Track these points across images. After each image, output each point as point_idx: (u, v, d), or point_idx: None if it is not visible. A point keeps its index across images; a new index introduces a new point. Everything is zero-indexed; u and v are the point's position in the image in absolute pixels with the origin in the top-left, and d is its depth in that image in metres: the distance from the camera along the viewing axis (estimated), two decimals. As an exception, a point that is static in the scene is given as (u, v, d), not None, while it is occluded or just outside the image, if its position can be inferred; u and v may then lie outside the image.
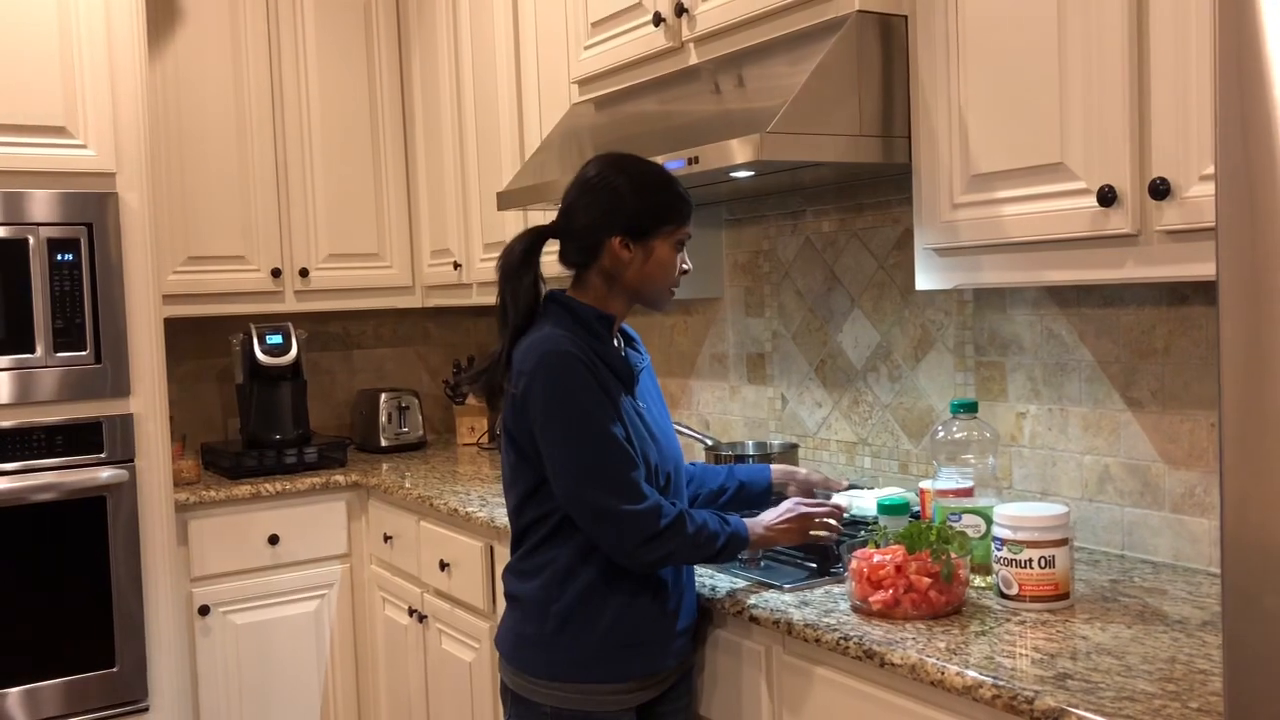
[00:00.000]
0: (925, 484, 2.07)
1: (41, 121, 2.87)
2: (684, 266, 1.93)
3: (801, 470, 2.28)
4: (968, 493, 1.95)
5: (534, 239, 1.90)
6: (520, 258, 1.89)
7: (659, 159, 2.14)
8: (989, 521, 1.86)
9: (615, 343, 1.93)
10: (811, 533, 1.94)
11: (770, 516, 1.94)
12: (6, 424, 2.85)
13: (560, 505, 1.82)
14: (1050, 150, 1.76)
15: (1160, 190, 1.59)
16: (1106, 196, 1.66)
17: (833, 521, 1.96)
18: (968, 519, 1.90)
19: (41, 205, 2.87)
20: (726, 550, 1.86)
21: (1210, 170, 1.52)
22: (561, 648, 1.84)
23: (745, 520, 1.91)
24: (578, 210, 1.88)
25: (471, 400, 4.01)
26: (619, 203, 1.85)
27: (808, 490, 2.21)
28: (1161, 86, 1.60)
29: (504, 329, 1.89)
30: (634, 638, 1.85)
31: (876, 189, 2.55)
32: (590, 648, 1.83)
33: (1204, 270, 1.57)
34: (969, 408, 2.00)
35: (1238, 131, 1.06)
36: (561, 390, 1.78)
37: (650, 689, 1.90)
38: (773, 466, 2.25)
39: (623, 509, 1.76)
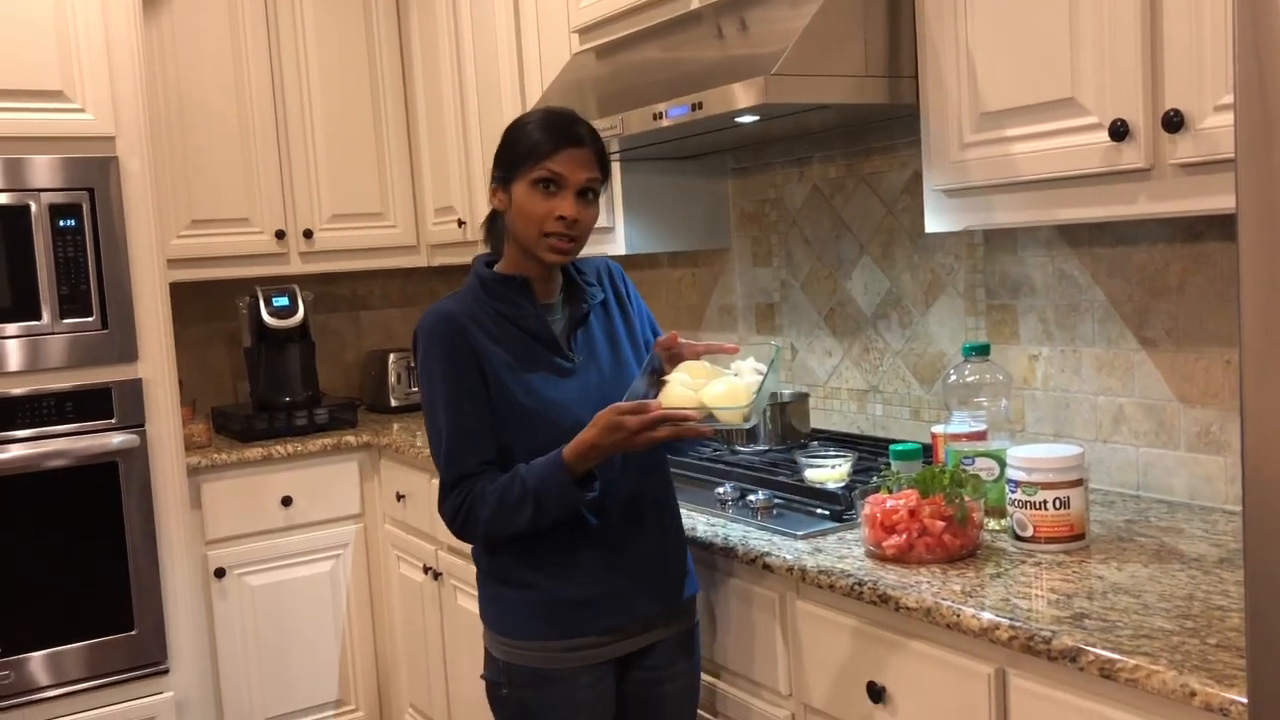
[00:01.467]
0: (938, 428, 2.06)
1: (38, 86, 2.84)
2: (559, 211, 1.73)
3: (687, 347, 1.81)
4: (981, 436, 1.93)
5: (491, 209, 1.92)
6: (483, 230, 1.96)
7: (662, 106, 2.11)
8: (1002, 465, 1.85)
9: (553, 297, 1.85)
10: (645, 435, 1.64)
11: (591, 428, 1.67)
12: (17, 391, 2.85)
13: None
14: (1060, 85, 1.72)
15: (1174, 123, 1.56)
16: (1119, 131, 1.62)
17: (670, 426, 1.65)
18: (981, 462, 1.89)
19: (42, 171, 2.85)
20: (546, 496, 1.69)
21: (1225, 100, 1.49)
22: (507, 604, 1.84)
23: (564, 449, 1.69)
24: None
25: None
26: (499, 148, 1.82)
27: (677, 356, 1.80)
28: (1175, 14, 1.57)
29: None
30: (569, 596, 1.80)
31: (884, 132, 2.51)
32: (521, 608, 1.82)
33: (1219, 204, 1.55)
34: (981, 351, 1.98)
35: (1255, 57, 1.03)
36: (423, 362, 1.81)
37: (609, 646, 1.83)
38: (660, 339, 1.84)
39: (439, 501, 1.81)
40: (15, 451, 2.84)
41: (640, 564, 1.84)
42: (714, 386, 1.69)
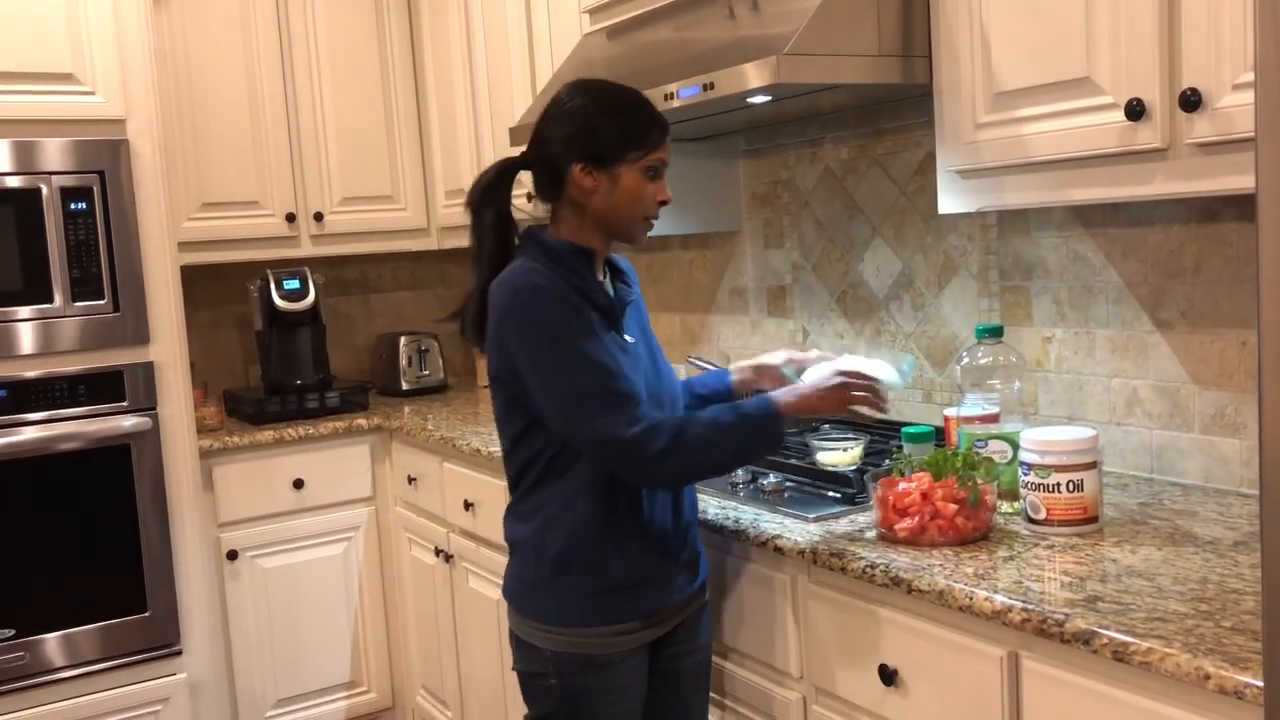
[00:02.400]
0: (950, 411, 2.05)
1: (49, 69, 2.84)
2: (660, 196, 1.79)
3: (763, 358, 2.06)
4: (994, 419, 1.92)
5: (501, 171, 1.84)
6: (482, 192, 1.84)
7: (673, 86, 2.10)
8: (1015, 447, 1.84)
9: (600, 276, 1.85)
10: (853, 406, 1.79)
11: (809, 384, 1.80)
12: (30, 374, 2.85)
13: (548, 446, 1.77)
14: (1076, 64, 1.70)
15: (1191, 102, 1.54)
16: (1135, 110, 1.61)
17: (871, 397, 1.80)
18: (994, 445, 1.88)
19: (53, 154, 2.85)
20: (758, 433, 1.73)
21: (1244, 79, 1.47)
22: (558, 592, 1.80)
23: (774, 394, 1.79)
24: (544, 138, 1.80)
25: (491, 341, 3.99)
26: (581, 127, 1.75)
27: (776, 377, 2.01)
28: (1192, -8, 1.55)
29: (476, 266, 1.83)
30: (631, 579, 1.80)
31: (897, 112, 2.49)
32: (586, 591, 1.79)
33: (1237, 183, 1.53)
34: (994, 332, 1.97)
35: (1276, 34, 1.01)
36: (541, 325, 1.70)
37: (653, 629, 1.85)
38: (732, 366, 2.09)
39: (621, 434, 1.67)
40: (28, 434, 2.85)
41: (683, 545, 1.87)
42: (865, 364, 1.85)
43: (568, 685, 1.82)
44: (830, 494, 2.03)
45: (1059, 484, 1.71)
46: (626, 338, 1.83)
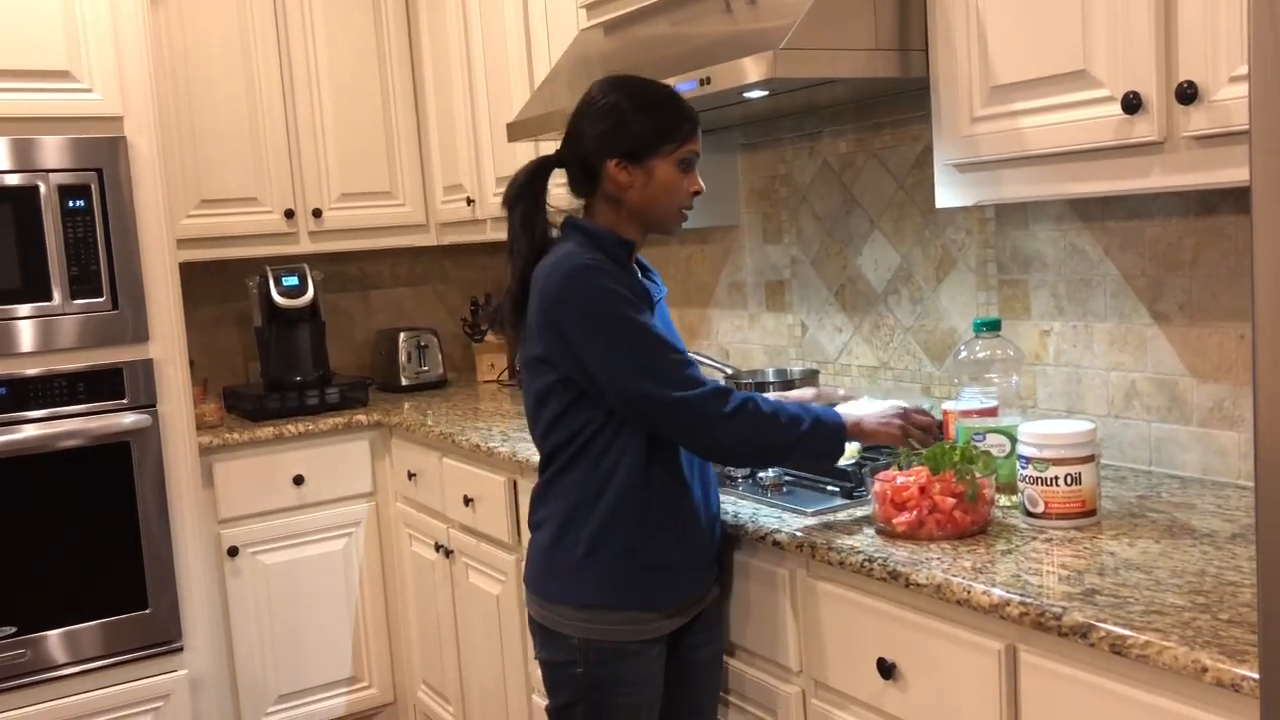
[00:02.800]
0: (949, 404, 2.05)
1: (45, 66, 2.83)
2: (694, 187, 1.86)
3: (792, 393, 2.18)
4: (992, 412, 1.92)
5: (538, 168, 1.88)
6: (519, 188, 1.88)
7: (671, 81, 2.09)
8: (1013, 440, 1.84)
9: (635, 271, 1.90)
10: (910, 439, 1.86)
11: (873, 412, 1.88)
12: (31, 372, 2.86)
13: (589, 424, 1.79)
14: (1072, 58, 1.70)
15: (1187, 94, 1.54)
16: (1131, 103, 1.60)
17: (924, 436, 1.87)
18: (992, 438, 1.88)
19: (51, 151, 2.85)
20: (818, 433, 1.77)
21: (1240, 71, 1.47)
22: (589, 573, 1.82)
23: (838, 409, 1.86)
24: (578, 135, 1.85)
25: (491, 337, 4.00)
26: (614, 124, 1.80)
27: None
28: (1188, -15, 1.54)
29: (513, 260, 1.87)
30: (663, 562, 1.83)
31: (894, 106, 2.49)
32: (619, 572, 1.82)
33: (1233, 176, 1.53)
34: (992, 326, 1.97)
35: (1271, 25, 1.01)
36: (597, 300, 1.74)
37: (679, 616, 1.89)
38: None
39: (690, 394, 1.72)
40: (29, 432, 2.85)
41: (711, 531, 1.91)
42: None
43: (593, 674, 1.84)
44: (829, 488, 2.03)
45: (1057, 477, 1.71)
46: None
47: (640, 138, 1.79)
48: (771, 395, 1.93)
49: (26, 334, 2.84)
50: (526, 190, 1.87)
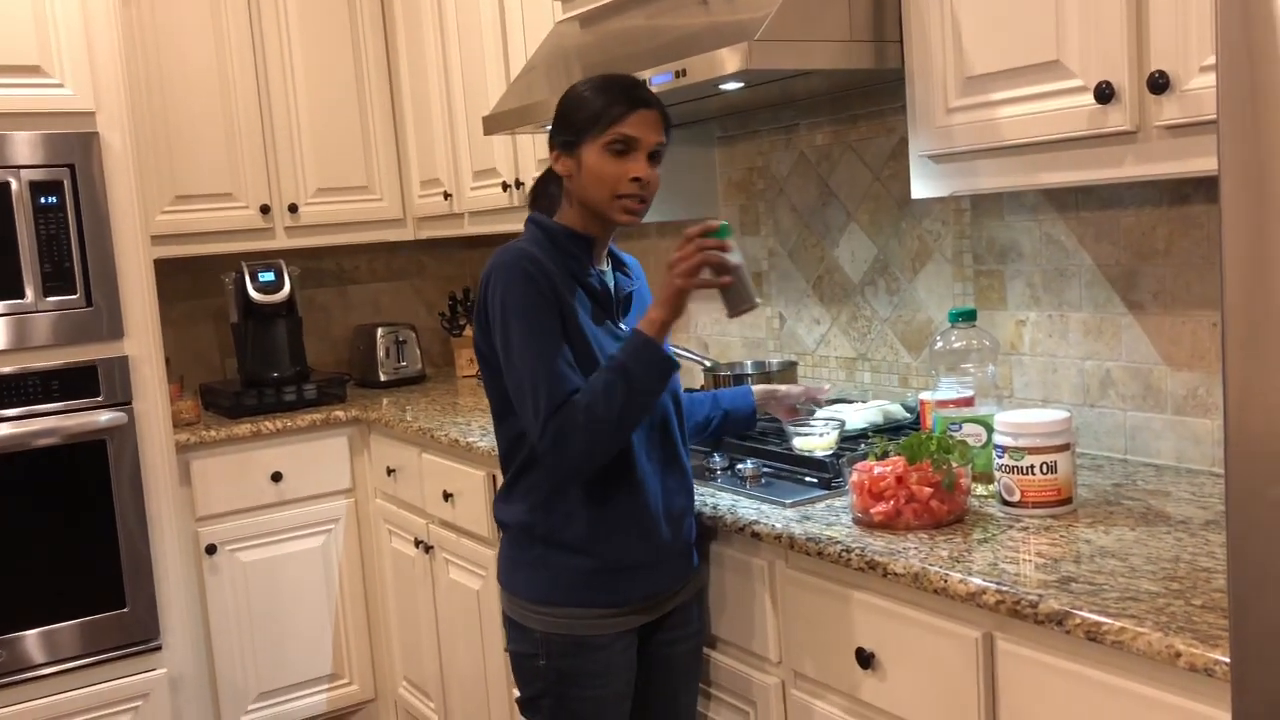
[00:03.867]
0: (925, 395, 2.06)
1: (15, 61, 2.80)
2: (633, 173, 1.76)
3: (781, 387, 2.25)
4: (968, 402, 1.93)
5: (546, 170, 1.91)
6: (531, 190, 1.96)
7: (645, 73, 2.09)
8: (990, 430, 1.85)
9: (603, 265, 1.89)
10: (701, 277, 1.76)
11: (658, 295, 1.78)
12: (4, 370, 2.83)
13: None
14: (1045, 48, 1.71)
15: (1159, 84, 1.55)
16: (1104, 93, 1.61)
17: (714, 254, 1.76)
18: (968, 428, 1.89)
19: (22, 147, 2.82)
20: (636, 373, 1.71)
21: (1211, 61, 1.48)
22: (549, 571, 1.83)
23: (635, 327, 1.77)
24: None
25: (469, 332, 3.99)
26: (557, 117, 1.82)
27: (789, 408, 2.20)
28: (1159, -25, 1.55)
29: None
30: (621, 562, 1.83)
31: (870, 98, 2.49)
32: (576, 572, 1.82)
33: (1205, 165, 1.54)
34: (968, 316, 1.98)
35: (1239, 17, 1.02)
36: (510, 293, 1.74)
37: (644, 613, 1.88)
38: (754, 388, 2.22)
39: (534, 434, 1.72)
40: (3, 430, 2.83)
41: (676, 531, 1.89)
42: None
43: (557, 667, 1.84)
44: (807, 479, 2.04)
45: (1033, 466, 1.72)
46: (622, 326, 1.87)
47: (570, 126, 1.79)
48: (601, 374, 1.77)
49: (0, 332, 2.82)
50: (536, 191, 1.94)
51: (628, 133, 1.76)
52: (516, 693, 1.95)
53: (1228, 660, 1.15)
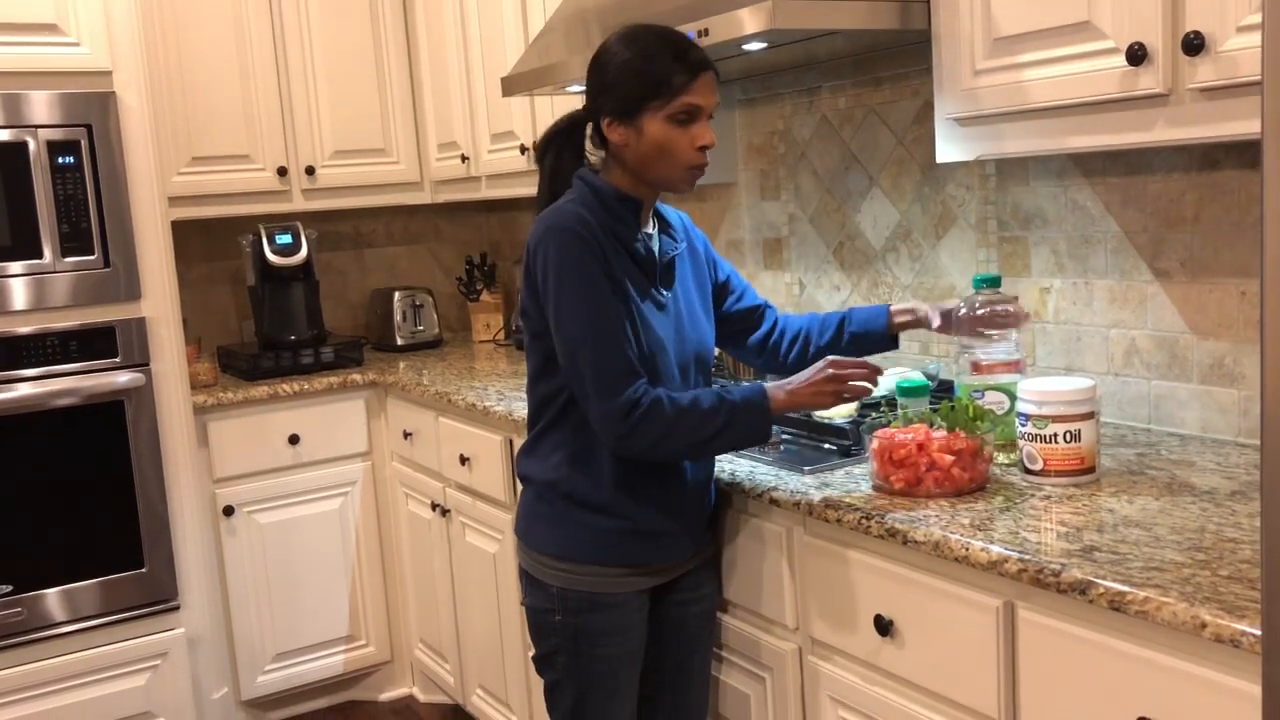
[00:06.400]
0: (977, 355, 1.98)
1: (32, 19, 2.79)
2: (700, 141, 1.73)
3: (923, 306, 1.97)
4: (1016, 365, 1.89)
5: (566, 122, 1.86)
6: (546, 140, 1.87)
7: (667, 33, 2.06)
8: (1012, 398, 1.83)
9: (649, 227, 1.85)
10: (844, 395, 1.76)
11: (800, 377, 1.77)
12: (24, 330, 2.83)
13: (568, 384, 1.78)
14: (1077, 8, 1.67)
15: (1194, 45, 1.51)
16: (1136, 54, 1.58)
17: (865, 384, 1.77)
18: (991, 395, 1.87)
19: (39, 106, 2.81)
20: (737, 422, 1.72)
21: (1249, 20, 1.44)
22: (568, 527, 1.84)
23: (768, 385, 1.77)
24: (588, 91, 1.81)
25: (486, 296, 3.98)
26: (605, 80, 1.75)
27: (926, 319, 1.95)
28: (1197, -67, 1.51)
29: (536, 211, 1.86)
30: (643, 525, 1.83)
31: (894, 60, 2.45)
32: (598, 531, 1.83)
33: (1239, 129, 1.50)
34: (992, 283, 1.95)
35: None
36: (564, 264, 1.71)
37: (659, 575, 1.89)
38: (893, 306, 1.99)
39: (597, 403, 1.70)
40: (23, 390, 2.84)
41: (699, 498, 1.90)
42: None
43: (571, 623, 1.85)
44: (826, 446, 2.02)
45: (1056, 434, 1.70)
46: (664, 292, 1.84)
47: (628, 95, 1.72)
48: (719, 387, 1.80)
49: (18, 292, 2.82)
50: (553, 143, 1.87)
51: (695, 101, 1.71)
52: (532, 650, 1.96)
53: (1255, 632, 1.14)
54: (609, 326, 1.71)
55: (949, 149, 1.94)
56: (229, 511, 3.25)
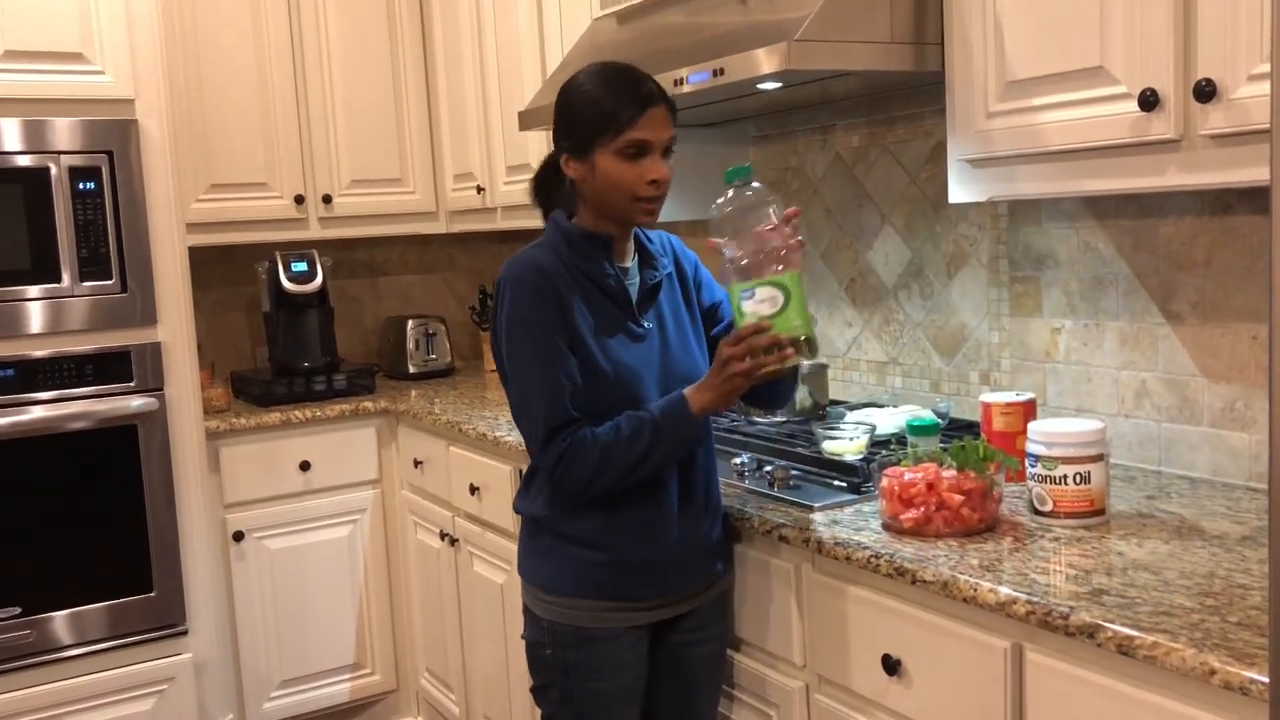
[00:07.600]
0: (987, 397, 2.01)
1: (58, 48, 2.83)
2: (651, 175, 1.72)
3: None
4: (1030, 406, 1.89)
5: (546, 162, 1.89)
6: (534, 186, 1.93)
7: (683, 72, 2.09)
8: (787, 292, 1.67)
9: (626, 260, 1.86)
10: (759, 373, 1.68)
11: (709, 374, 1.73)
12: (39, 353, 2.86)
13: None
14: (1089, 53, 1.69)
15: (1205, 92, 1.52)
16: (1148, 100, 1.59)
17: (769, 360, 1.66)
18: (761, 292, 1.68)
19: (62, 133, 2.85)
20: (664, 434, 1.71)
21: (1260, 70, 1.46)
22: (555, 560, 1.85)
23: (687, 390, 1.74)
24: (552, 130, 1.85)
25: (498, 326, 3.99)
26: (560, 120, 1.79)
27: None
28: (1209, -18, 1.53)
29: None
30: (630, 559, 1.82)
31: (908, 100, 2.47)
32: (583, 564, 1.83)
33: (1250, 175, 1.51)
34: (742, 173, 1.74)
35: (1292, 23, 1.00)
36: (513, 314, 1.77)
37: (654, 610, 1.87)
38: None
39: (536, 451, 1.79)
40: (37, 413, 2.85)
41: (695, 534, 1.88)
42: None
43: (561, 657, 1.86)
44: (836, 483, 2.03)
45: (1066, 476, 1.71)
46: (643, 324, 1.84)
47: (578, 131, 1.74)
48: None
49: (35, 315, 2.84)
50: (542, 186, 1.92)
51: (642, 137, 1.72)
52: (530, 683, 1.96)
53: (1264, 679, 1.14)
54: (547, 378, 1.74)
55: (961, 190, 1.96)
56: (239, 537, 3.26)
